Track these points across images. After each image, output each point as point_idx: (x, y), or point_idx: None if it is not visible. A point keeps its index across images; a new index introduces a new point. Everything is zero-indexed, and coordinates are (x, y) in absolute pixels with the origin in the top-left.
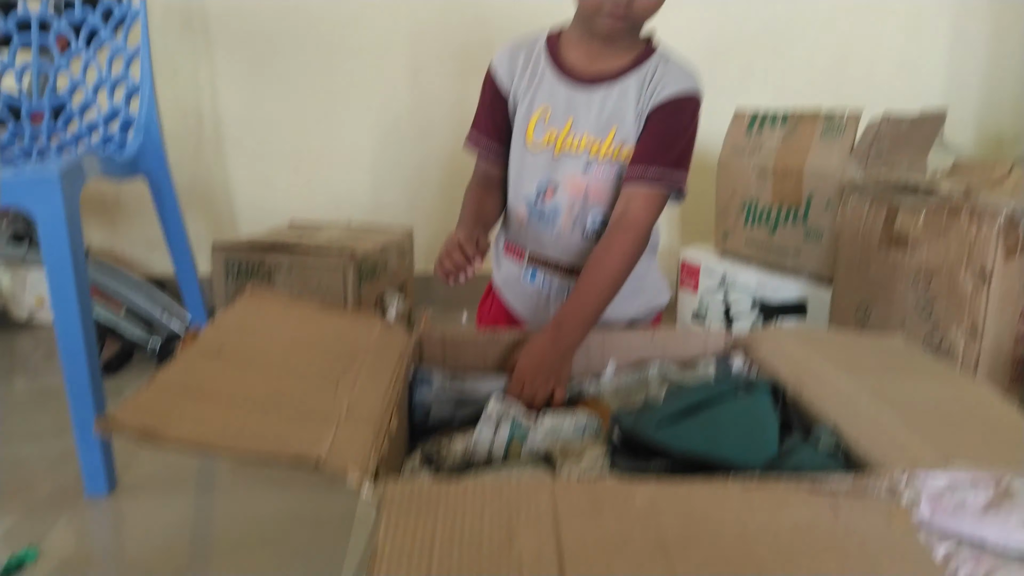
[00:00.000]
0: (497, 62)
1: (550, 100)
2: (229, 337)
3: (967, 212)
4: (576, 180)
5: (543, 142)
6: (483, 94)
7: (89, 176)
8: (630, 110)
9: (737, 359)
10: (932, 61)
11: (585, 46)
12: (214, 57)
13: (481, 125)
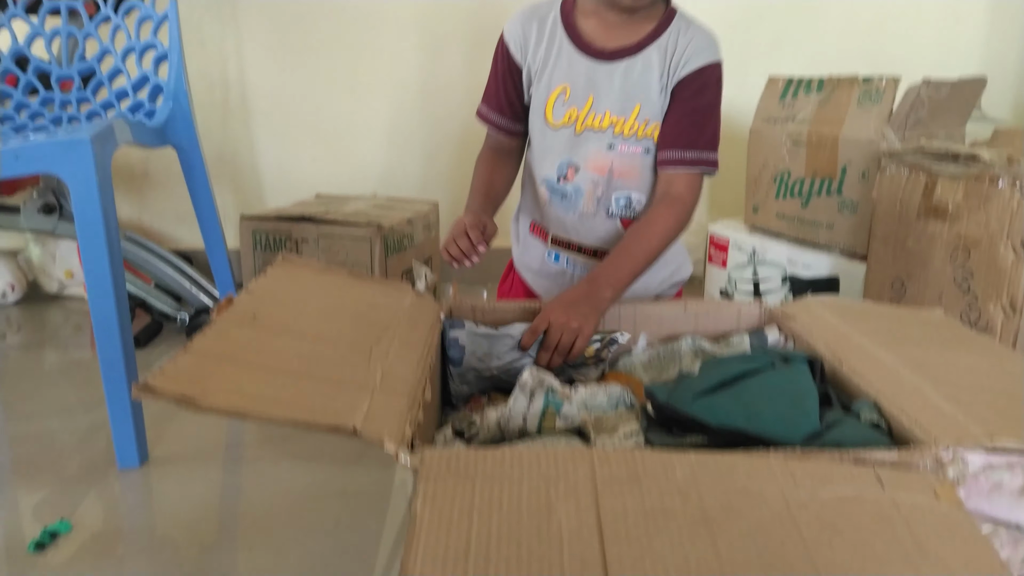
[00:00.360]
0: (510, 33)
1: (569, 78)
2: (262, 304)
3: (1009, 181)
4: (600, 159)
5: (564, 120)
6: (495, 65)
7: (120, 142)
8: (654, 83)
9: (772, 332)
10: (969, 29)
11: (603, 16)
12: (240, 26)
13: (492, 99)
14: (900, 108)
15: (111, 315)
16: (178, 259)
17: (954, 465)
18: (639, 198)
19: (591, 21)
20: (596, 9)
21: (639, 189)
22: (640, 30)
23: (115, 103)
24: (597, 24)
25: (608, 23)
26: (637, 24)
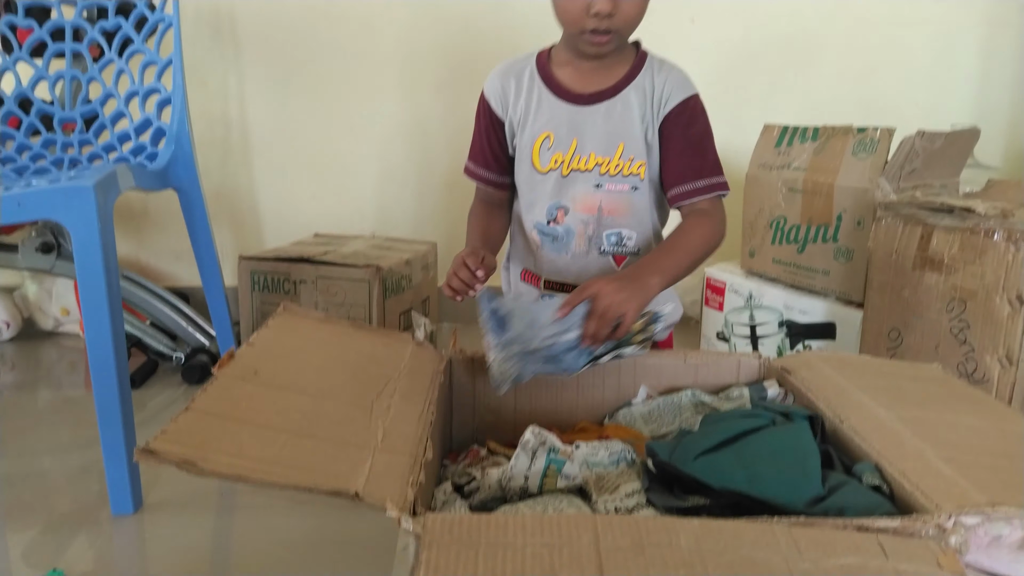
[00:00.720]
0: (490, 89)
1: (551, 124)
2: (264, 358)
3: (1003, 235)
4: (588, 198)
5: (551, 165)
6: (478, 122)
7: (123, 188)
8: (635, 122)
9: (772, 387)
10: (962, 77)
11: (576, 64)
12: (242, 66)
13: (478, 155)
14: (895, 158)
15: (108, 361)
16: (175, 297)
17: (956, 533)
18: (629, 234)
19: (566, 70)
20: (569, 59)
21: (628, 226)
22: (615, 74)
23: (117, 146)
24: (573, 72)
25: (583, 70)
26: (611, 68)
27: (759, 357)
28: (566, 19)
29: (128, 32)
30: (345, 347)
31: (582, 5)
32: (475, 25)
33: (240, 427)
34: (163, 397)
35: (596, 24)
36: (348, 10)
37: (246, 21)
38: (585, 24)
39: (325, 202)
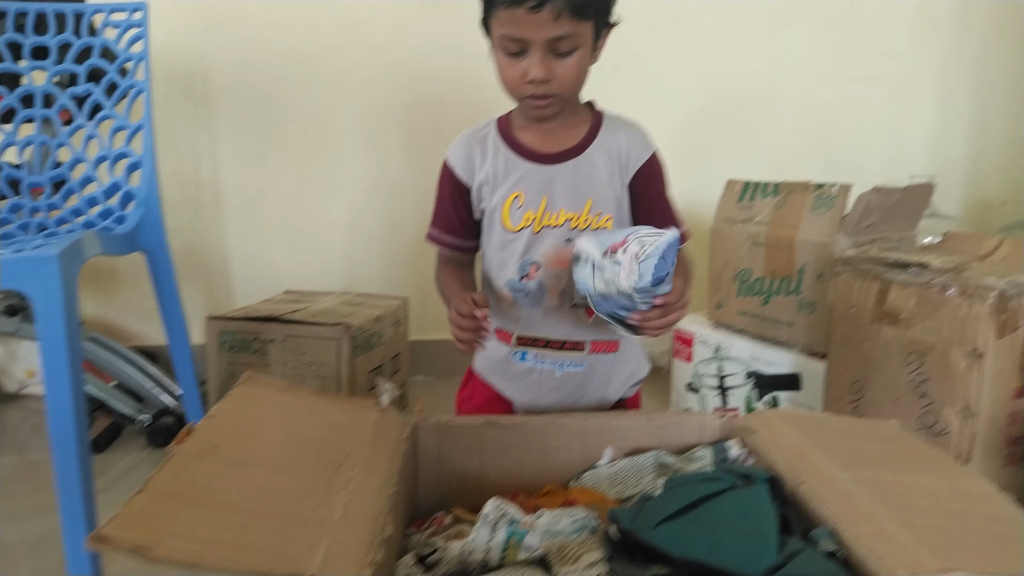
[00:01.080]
0: (454, 158)
1: (521, 184)
2: (223, 433)
3: (958, 290)
4: (559, 253)
5: (522, 223)
6: (442, 190)
7: (88, 255)
8: (602, 179)
9: (734, 447)
10: (918, 128)
11: (536, 126)
12: (214, 127)
13: (443, 223)
14: (852, 213)
15: (69, 430)
16: (141, 358)
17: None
18: None
19: (528, 132)
20: (528, 123)
21: None
22: (577, 133)
23: (85, 209)
24: (535, 134)
25: (544, 131)
26: (572, 129)
27: (721, 416)
28: (507, 87)
29: (99, 98)
30: (308, 417)
31: (519, 73)
32: (440, 86)
33: (195, 509)
34: (127, 461)
35: (534, 90)
36: (318, 72)
37: (218, 83)
38: (524, 91)
39: (296, 259)
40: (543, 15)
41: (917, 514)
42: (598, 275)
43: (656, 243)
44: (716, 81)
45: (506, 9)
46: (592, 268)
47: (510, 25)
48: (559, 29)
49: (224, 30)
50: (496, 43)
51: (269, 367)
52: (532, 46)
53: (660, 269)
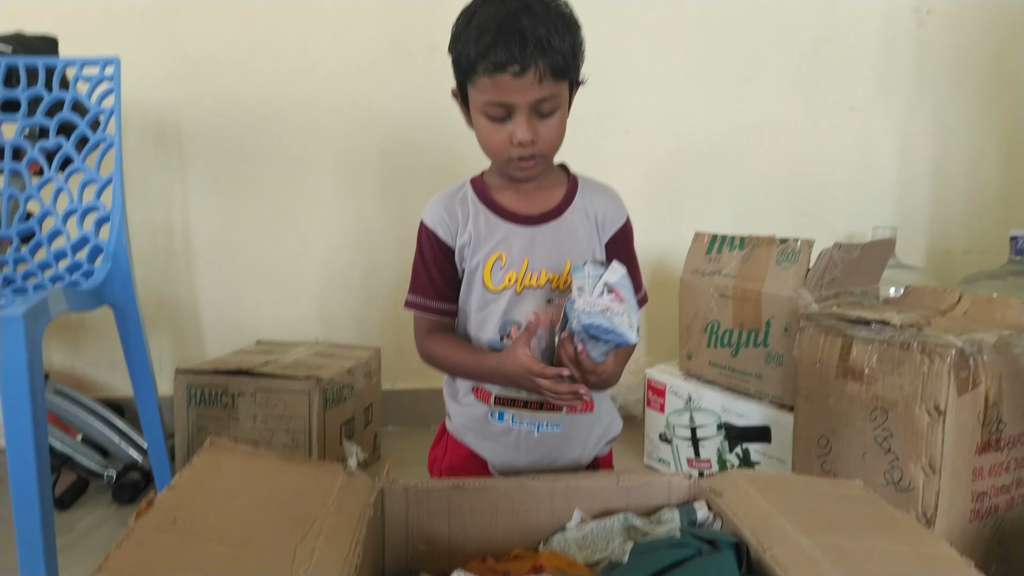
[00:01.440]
0: (434, 219)
1: (502, 245)
2: (185, 503)
3: (919, 348)
4: (541, 313)
5: (504, 283)
6: (423, 254)
7: (55, 314)
8: (581, 242)
9: (701, 509)
10: (881, 180)
11: (514, 188)
12: (187, 175)
13: (428, 288)
14: (815, 268)
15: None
16: (108, 411)
17: None
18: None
19: (506, 194)
20: (505, 184)
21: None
22: (554, 196)
23: (53, 263)
24: (513, 195)
25: (522, 193)
26: (549, 191)
27: (689, 477)
28: (493, 151)
29: (69, 151)
30: (273, 484)
31: (505, 137)
32: (413, 135)
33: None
34: (92, 518)
35: (521, 152)
36: (292, 122)
37: (191, 132)
38: (511, 153)
39: (268, 308)
40: (527, 79)
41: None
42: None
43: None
44: (683, 133)
45: (489, 76)
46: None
47: (494, 91)
48: (542, 91)
49: (198, 80)
50: (478, 109)
51: (238, 421)
52: (517, 109)
53: (600, 334)
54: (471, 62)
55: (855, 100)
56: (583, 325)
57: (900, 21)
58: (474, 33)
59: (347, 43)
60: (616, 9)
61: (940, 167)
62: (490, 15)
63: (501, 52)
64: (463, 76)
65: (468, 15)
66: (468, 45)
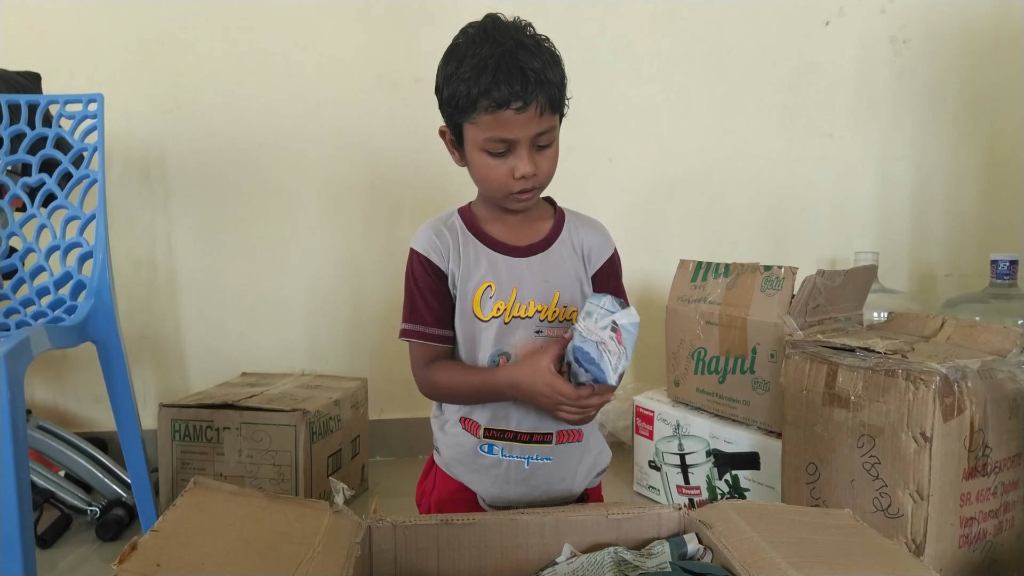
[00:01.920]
0: (426, 246)
1: (491, 275)
2: (168, 548)
3: (903, 375)
4: (529, 344)
5: (493, 312)
6: (417, 282)
7: (37, 352)
8: (568, 274)
9: (691, 542)
10: (862, 205)
11: (502, 219)
12: (171, 208)
13: (426, 316)
14: (799, 295)
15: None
16: (91, 446)
17: None
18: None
19: (495, 225)
20: (495, 216)
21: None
22: (542, 228)
23: (35, 300)
24: (502, 227)
25: (511, 224)
26: (536, 223)
27: (679, 508)
28: (493, 185)
29: (52, 188)
30: (257, 524)
31: (507, 171)
32: (399, 166)
33: None
34: (75, 555)
35: (523, 185)
36: (277, 153)
37: (175, 166)
38: (512, 187)
39: (254, 340)
40: (528, 113)
41: None
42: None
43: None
44: (666, 161)
45: (492, 113)
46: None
47: (496, 128)
48: (542, 124)
49: (181, 114)
50: (477, 146)
51: (223, 455)
52: (519, 144)
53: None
54: (471, 100)
55: (835, 128)
56: (573, 346)
57: (877, 50)
58: (470, 72)
59: (331, 75)
60: (599, 39)
61: (920, 192)
62: (485, 54)
63: (504, 89)
64: (460, 115)
65: (458, 55)
66: (465, 84)
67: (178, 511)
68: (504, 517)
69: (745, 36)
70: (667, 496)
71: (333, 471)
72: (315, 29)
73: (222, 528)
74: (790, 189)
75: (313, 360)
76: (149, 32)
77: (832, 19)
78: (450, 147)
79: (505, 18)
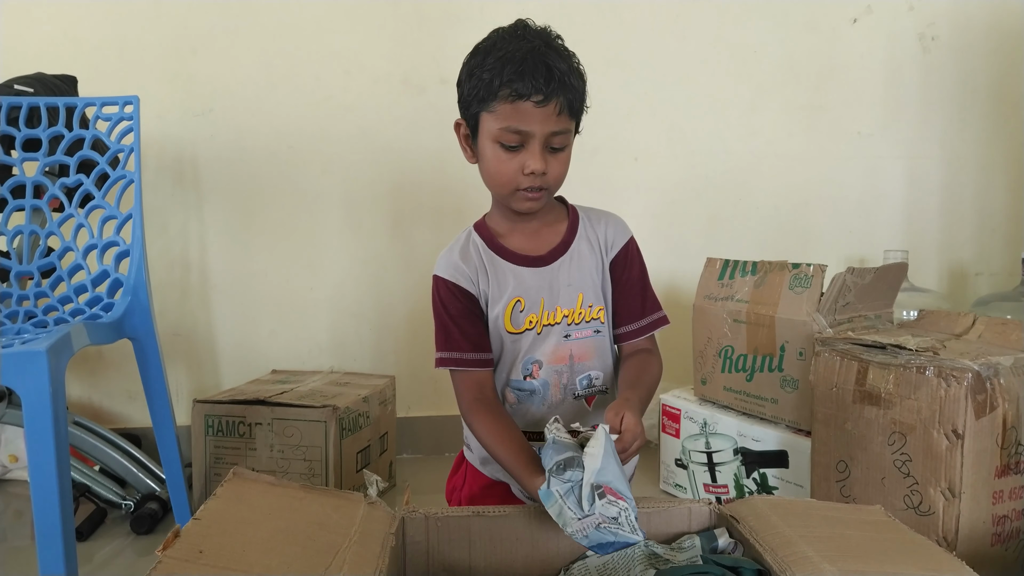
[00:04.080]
0: (452, 272)
1: (519, 290)
2: (209, 536)
3: (935, 372)
4: (560, 350)
5: (525, 326)
6: (448, 309)
7: (77, 348)
8: (590, 273)
9: (722, 537)
10: (890, 204)
11: (520, 229)
12: (203, 209)
13: (462, 342)
14: (828, 293)
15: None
16: (126, 442)
17: None
18: (597, 374)
19: (514, 237)
20: (510, 227)
21: (596, 367)
22: (558, 230)
23: (73, 298)
24: (520, 238)
25: (529, 232)
26: (553, 226)
27: (709, 503)
28: (501, 180)
29: (89, 188)
30: (295, 515)
31: (517, 166)
32: (424, 168)
33: None
34: (110, 548)
35: (531, 182)
36: (306, 156)
37: (208, 168)
38: (520, 183)
39: (283, 338)
40: (547, 109)
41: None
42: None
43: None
44: (693, 161)
45: (511, 103)
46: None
47: (513, 118)
48: (558, 125)
49: (214, 117)
50: (491, 137)
51: (255, 450)
52: (532, 140)
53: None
54: (492, 89)
55: (862, 126)
56: (588, 546)
57: (905, 48)
58: (496, 64)
59: (359, 79)
60: (625, 40)
61: (949, 191)
62: (513, 48)
63: (528, 81)
64: (478, 105)
65: (485, 50)
66: (489, 73)
67: (218, 500)
68: (536, 510)
69: (771, 35)
70: (694, 494)
71: (362, 467)
72: (343, 35)
73: (261, 518)
74: (817, 189)
75: (341, 358)
76: (182, 38)
77: (860, 17)
78: (463, 142)
79: (535, 25)
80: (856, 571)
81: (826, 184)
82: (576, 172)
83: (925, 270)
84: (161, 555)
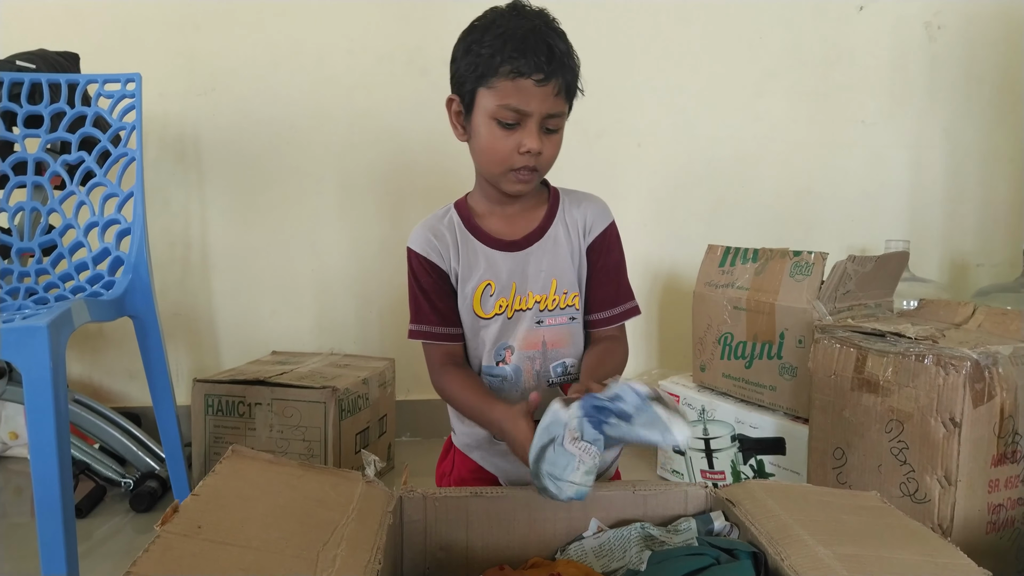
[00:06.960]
0: (424, 246)
1: (490, 273)
2: (208, 511)
3: (933, 360)
4: (532, 336)
5: (495, 310)
6: (419, 282)
7: (77, 324)
8: (566, 259)
9: (718, 519)
10: (893, 193)
11: (499, 211)
12: (205, 188)
13: (431, 315)
14: (829, 281)
15: (54, 500)
16: (125, 420)
17: None
18: (572, 362)
19: (492, 219)
20: (491, 208)
21: (571, 355)
22: (537, 215)
23: (74, 275)
24: (498, 220)
25: (507, 216)
26: (532, 211)
27: (705, 487)
28: (495, 158)
29: (91, 165)
30: (294, 492)
31: (513, 145)
32: (425, 150)
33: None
34: (110, 526)
35: (526, 162)
36: (307, 136)
37: (209, 147)
38: (514, 162)
39: (284, 319)
40: (547, 89)
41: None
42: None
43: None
44: (696, 147)
45: (511, 80)
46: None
47: (513, 95)
48: (555, 106)
49: (216, 96)
50: (488, 114)
51: (255, 430)
52: (529, 119)
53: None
54: (493, 66)
55: (867, 114)
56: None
57: (911, 36)
58: (496, 40)
59: (362, 60)
60: (629, 25)
61: (952, 180)
62: (514, 26)
63: (531, 58)
64: (476, 81)
65: (483, 27)
66: (489, 49)
67: (217, 477)
68: (532, 491)
69: (777, 21)
70: (691, 480)
71: (361, 448)
72: (347, 15)
73: (260, 494)
74: (820, 176)
75: (342, 340)
76: (185, 16)
77: (866, 4)
78: (455, 119)
79: (531, 5)
80: (851, 555)
81: (829, 172)
82: (580, 157)
83: (926, 260)
84: (160, 530)
